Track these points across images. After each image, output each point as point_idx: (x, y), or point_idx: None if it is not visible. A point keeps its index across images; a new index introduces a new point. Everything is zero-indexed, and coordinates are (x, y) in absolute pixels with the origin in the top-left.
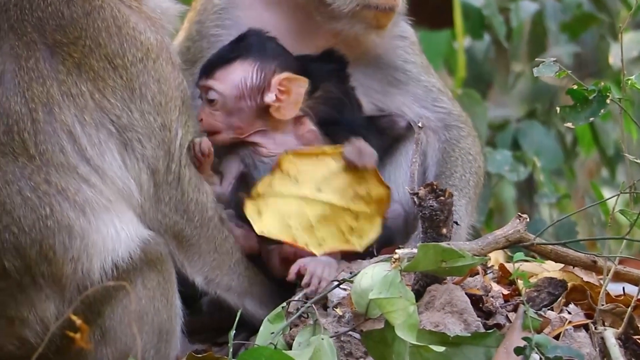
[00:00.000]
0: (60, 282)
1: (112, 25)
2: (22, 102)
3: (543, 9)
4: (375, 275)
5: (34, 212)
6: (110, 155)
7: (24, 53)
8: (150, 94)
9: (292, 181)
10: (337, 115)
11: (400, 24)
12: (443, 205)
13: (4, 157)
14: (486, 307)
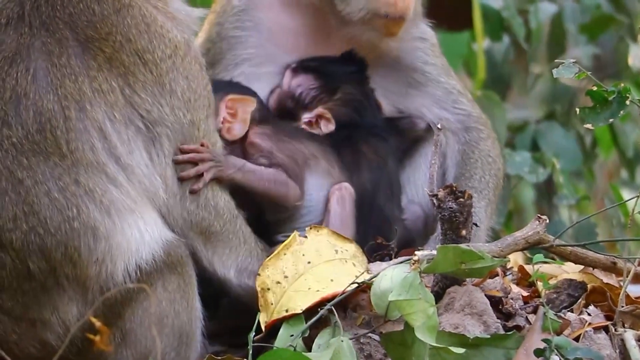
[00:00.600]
0: (84, 284)
1: (141, 22)
2: (55, 100)
3: (562, 10)
4: (395, 277)
5: (61, 213)
6: (138, 153)
7: (55, 50)
8: (180, 89)
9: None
10: (356, 117)
11: (420, 26)
12: (462, 206)
13: (35, 156)
14: (506, 309)
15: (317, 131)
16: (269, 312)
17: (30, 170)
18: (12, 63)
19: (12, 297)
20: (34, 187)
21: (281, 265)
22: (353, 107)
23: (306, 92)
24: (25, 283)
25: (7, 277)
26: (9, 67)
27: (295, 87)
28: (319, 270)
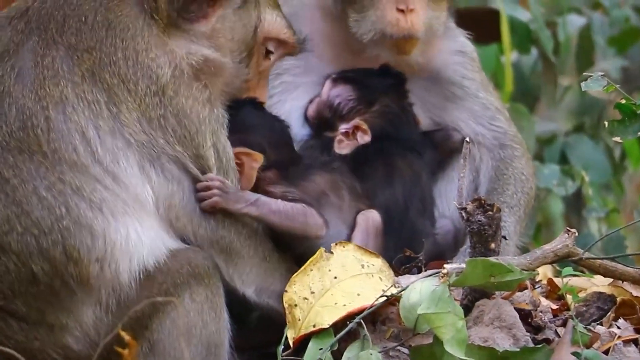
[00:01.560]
0: (88, 283)
1: (130, 48)
2: (36, 100)
3: (590, 23)
4: (424, 290)
5: (51, 212)
6: (126, 162)
7: (41, 50)
8: (171, 127)
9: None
10: (392, 130)
11: (459, 39)
12: (491, 220)
13: (20, 154)
14: (535, 322)
15: (353, 142)
16: (297, 327)
17: (16, 169)
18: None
19: (26, 303)
20: (21, 186)
21: (308, 281)
22: (389, 120)
23: (344, 103)
24: (32, 287)
25: (15, 282)
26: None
27: (334, 97)
28: (345, 285)
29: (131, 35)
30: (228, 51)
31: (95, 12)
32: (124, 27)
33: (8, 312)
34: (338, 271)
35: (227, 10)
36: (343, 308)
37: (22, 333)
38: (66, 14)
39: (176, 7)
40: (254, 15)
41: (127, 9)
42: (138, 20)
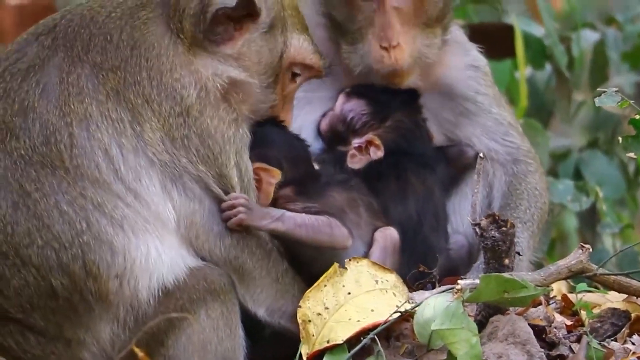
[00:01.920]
0: (107, 299)
1: (155, 68)
2: (60, 115)
3: (604, 38)
4: (438, 306)
5: (71, 226)
6: (148, 181)
7: (67, 67)
8: (194, 147)
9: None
10: (406, 146)
11: (472, 53)
12: (505, 235)
13: (43, 168)
14: (549, 338)
15: (366, 157)
16: (311, 343)
17: (38, 183)
18: (25, 76)
19: (44, 317)
20: (42, 200)
21: (321, 297)
22: (403, 135)
23: (357, 117)
24: (51, 301)
25: (34, 295)
26: (22, 81)
27: (347, 111)
28: (359, 300)
29: (156, 55)
30: (255, 74)
31: (121, 31)
32: (149, 46)
33: (26, 326)
34: (352, 287)
35: (254, 34)
36: (357, 324)
37: (39, 347)
38: (92, 33)
39: (202, 29)
40: (281, 40)
41: (153, 28)
42: (163, 38)
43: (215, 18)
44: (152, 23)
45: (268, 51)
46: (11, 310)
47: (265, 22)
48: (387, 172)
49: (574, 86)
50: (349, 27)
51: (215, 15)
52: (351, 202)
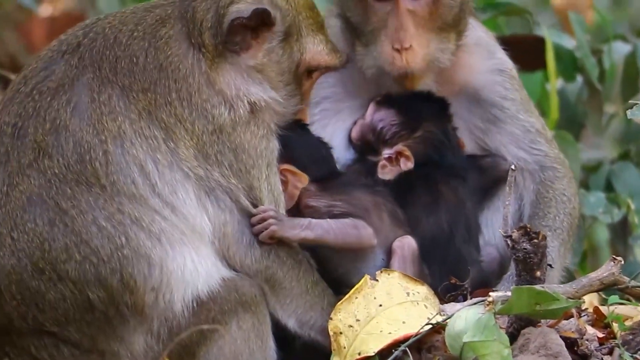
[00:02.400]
0: (143, 312)
1: (183, 89)
2: (94, 133)
3: (636, 50)
4: (469, 318)
5: (111, 241)
6: (184, 194)
7: (97, 87)
8: (227, 162)
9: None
10: (436, 157)
11: (497, 56)
12: (537, 247)
13: (78, 186)
14: (581, 351)
15: (397, 168)
16: (342, 355)
17: (75, 200)
18: (54, 95)
19: (79, 330)
20: (80, 216)
21: (353, 309)
22: (433, 146)
23: (387, 127)
24: (87, 314)
25: (70, 309)
26: (51, 99)
27: (378, 121)
28: (390, 312)
29: (183, 76)
30: (278, 85)
31: (146, 53)
32: (175, 69)
33: (60, 339)
34: (383, 299)
35: (272, 43)
36: (388, 336)
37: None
38: (117, 55)
39: (220, 40)
40: (297, 47)
41: (176, 47)
42: (187, 58)
43: (231, 28)
44: (174, 41)
45: (287, 59)
46: (46, 323)
47: (281, 31)
48: (418, 183)
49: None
50: (363, 29)
51: (231, 25)
52: (375, 206)
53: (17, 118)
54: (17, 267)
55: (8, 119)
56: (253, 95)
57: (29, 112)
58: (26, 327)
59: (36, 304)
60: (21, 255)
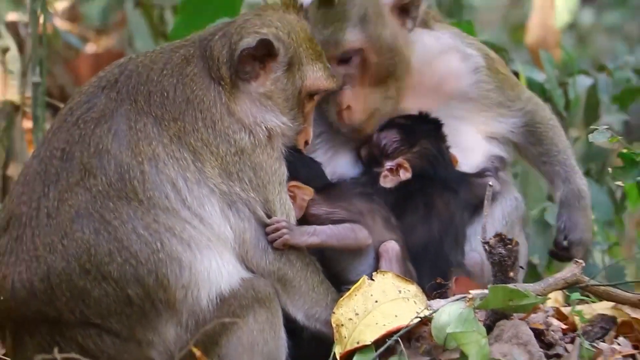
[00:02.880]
0: (174, 306)
1: (208, 118)
2: (132, 156)
3: (596, 83)
4: (452, 313)
5: (147, 246)
6: (210, 206)
7: (134, 117)
8: (247, 178)
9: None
10: (430, 169)
11: (470, 56)
12: (510, 252)
13: (119, 200)
14: (547, 340)
15: (396, 178)
16: (343, 344)
17: (116, 212)
18: (97, 123)
19: (119, 322)
20: (121, 226)
21: (352, 304)
22: (428, 161)
23: (390, 144)
24: (127, 308)
25: (112, 304)
26: (95, 127)
27: (382, 138)
28: (385, 307)
29: (207, 107)
30: (285, 109)
31: (175, 88)
32: (200, 101)
33: (104, 330)
34: (379, 296)
35: (277, 72)
36: (383, 327)
37: (114, 347)
38: (150, 90)
39: (233, 70)
40: (299, 75)
41: (199, 83)
42: (209, 91)
43: (241, 58)
44: (198, 78)
45: (291, 87)
46: (91, 316)
47: (285, 61)
48: (416, 194)
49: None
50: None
51: (241, 55)
52: (369, 210)
53: (65, 144)
54: (67, 269)
55: (57, 144)
56: (269, 122)
57: (75, 138)
58: (74, 320)
59: (83, 300)
60: (70, 259)
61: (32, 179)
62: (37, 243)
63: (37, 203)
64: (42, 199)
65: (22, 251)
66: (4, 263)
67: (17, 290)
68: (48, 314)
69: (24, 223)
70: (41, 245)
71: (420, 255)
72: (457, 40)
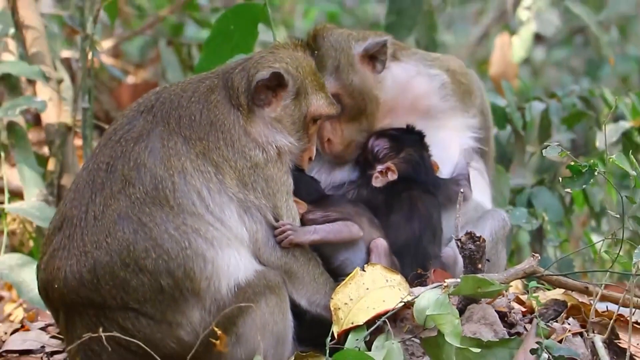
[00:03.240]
0: (199, 294)
1: (228, 138)
2: (164, 169)
3: (548, 107)
4: (431, 298)
5: (177, 245)
6: (229, 212)
7: (166, 137)
8: (260, 188)
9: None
10: (413, 173)
11: (434, 75)
12: (479, 247)
13: (154, 206)
14: (510, 320)
15: (385, 179)
16: (340, 324)
17: (151, 216)
18: (136, 142)
19: (153, 306)
20: (155, 227)
21: (347, 291)
22: (412, 165)
23: (380, 150)
24: (160, 295)
25: (147, 292)
26: (134, 145)
27: (374, 146)
28: (374, 294)
29: (227, 129)
30: (292, 131)
31: (201, 113)
32: (222, 124)
33: (140, 313)
34: (369, 284)
35: (287, 100)
36: (373, 310)
37: (149, 328)
38: (180, 114)
39: (250, 98)
40: (304, 103)
41: (222, 108)
42: (230, 116)
43: (257, 88)
44: (220, 105)
45: (298, 113)
46: (130, 302)
47: (293, 91)
48: (401, 195)
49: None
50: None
51: (257, 85)
52: (356, 213)
53: (110, 158)
54: (110, 263)
55: (103, 158)
56: (278, 142)
57: (118, 154)
58: (115, 305)
59: (123, 288)
60: (113, 254)
61: (82, 187)
62: (85, 240)
63: (85, 207)
64: (90, 204)
65: (73, 247)
66: (58, 257)
67: (69, 280)
68: (94, 300)
69: (75, 224)
70: (89, 243)
71: (403, 249)
72: (421, 65)
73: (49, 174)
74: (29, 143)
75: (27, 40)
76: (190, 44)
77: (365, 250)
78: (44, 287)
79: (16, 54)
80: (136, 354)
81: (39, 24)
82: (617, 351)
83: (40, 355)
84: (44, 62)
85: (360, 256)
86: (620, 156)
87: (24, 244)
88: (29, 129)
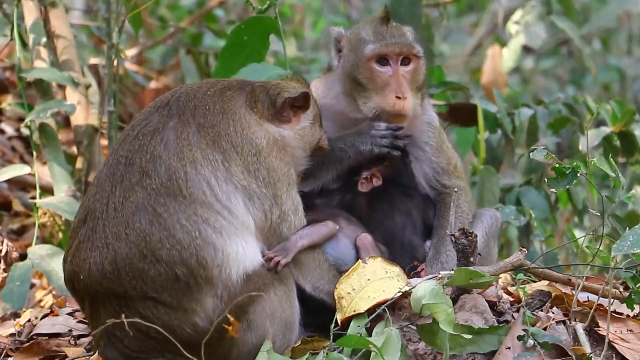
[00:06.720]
0: (212, 281)
1: (238, 125)
2: (177, 160)
3: (536, 113)
4: (427, 288)
5: (189, 234)
6: (235, 200)
7: (180, 128)
8: (262, 177)
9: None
10: (395, 178)
11: (429, 113)
12: (471, 242)
13: (168, 197)
14: (499, 309)
15: (370, 184)
16: (343, 312)
17: (165, 206)
18: (152, 135)
19: (170, 294)
20: (169, 218)
21: (350, 282)
22: (394, 170)
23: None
24: (176, 284)
25: (164, 281)
26: (151, 138)
27: None
28: (375, 284)
29: (238, 118)
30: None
31: (214, 103)
32: (233, 113)
33: (158, 301)
34: (370, 275)
35: (305, 122)
36: (374, 299)
37: (167, 315)
38: (196, 105)
39: (272, 111)
40: (318, 131)
41: (235, 101)
42: (241, 108)
43: (283, 104)
44: (234, 99)
45: (311, 136)
46: (148, 291)
47: (311, 116)
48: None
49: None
50: (368, 85)
51: (284, 102)
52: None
53: (128, 152)
54: (129, 254)
55: (122, 153)
56: (287, 136)
57: (136, 148)
58: (135, 294)
59: (142, 278)
60: (132, 245)
61: (103, 181)
62: (107, 232)
63: (106, 199)
64: (110, 197)
65: (96, 239)
66: (84, 249)
67: (92, 271)
68: (116, 290)
69: (97, 216)
70: (110, 234)
71: (389, 240)
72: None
73: (77, 172)
74: (59, 143)
75: (58, 48)
76: (208, 53)
77: (353, 247)
78: (70, 279)
79: (48, 61)
80: (155, 339)
81: (69, 34)
82: (597, 338)
83: (67, 339)
84: (73, 68)
85: (350, 253)
86: (601, 159)
87: (54, 236)
88: (59, 130)
